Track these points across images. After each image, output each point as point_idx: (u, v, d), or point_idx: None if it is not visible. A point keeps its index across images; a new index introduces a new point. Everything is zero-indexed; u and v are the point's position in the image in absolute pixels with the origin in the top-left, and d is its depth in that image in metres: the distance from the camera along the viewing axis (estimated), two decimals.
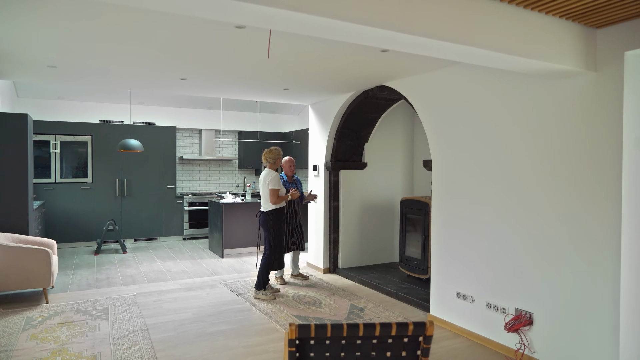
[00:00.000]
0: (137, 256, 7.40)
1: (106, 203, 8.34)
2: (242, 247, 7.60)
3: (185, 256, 7.42)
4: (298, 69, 4.40)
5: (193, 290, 5.37)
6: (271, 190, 4.95)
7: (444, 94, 4.25)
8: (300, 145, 9.17)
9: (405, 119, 6.81)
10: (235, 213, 7.47)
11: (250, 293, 5.25)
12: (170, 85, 5.25)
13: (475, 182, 3.93)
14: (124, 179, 8.47)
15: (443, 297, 4.30)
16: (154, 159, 8.73)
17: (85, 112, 8.42)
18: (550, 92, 3.29)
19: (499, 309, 3.71)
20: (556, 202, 3.26)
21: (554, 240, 3.27)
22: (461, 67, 4.02)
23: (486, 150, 3.82)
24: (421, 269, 5.54)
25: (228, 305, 4.82)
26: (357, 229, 6.45)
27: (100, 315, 4.44)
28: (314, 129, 6.65)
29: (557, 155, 3.25)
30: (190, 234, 9.06)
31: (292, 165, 5.75)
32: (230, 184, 10.05)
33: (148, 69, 4.44)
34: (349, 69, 4.39)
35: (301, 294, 5.23)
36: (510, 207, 3.60)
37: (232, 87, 5.39)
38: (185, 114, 9.31)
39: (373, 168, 6.55)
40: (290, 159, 5.78)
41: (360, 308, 4.74)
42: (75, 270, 6.36)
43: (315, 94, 5.94)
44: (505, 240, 3.65)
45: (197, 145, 9.76)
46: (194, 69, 4.40)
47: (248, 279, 5.86)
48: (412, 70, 4.41)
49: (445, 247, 4.27)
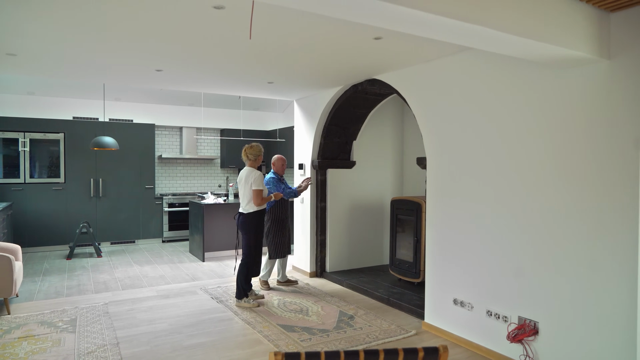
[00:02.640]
0: (113, 260, 6.99)
1: (80, 204, 7.89)
2: (224, 250, 7.23)
3: (164, 260, 7.03)
4: (282, 57, 4.07)
5: (171, 298, 5.01)
6: (255, 191, 4.61)
7: (440, 87, 3.97)
8: (285, 143, 8.84)
9: (395, 115, 6.54)
10: (217, 214, 7.11)
11: (232, 300, 4.91)
12: (145, 77, 4.88)
13: (474, 181, 3.66)
14: (99, 179, 8.03)
15: (439, 304, 4.02)
16: (132, 158, 8.31)
17: (57, 108, 7.95)
18: (557, 83, 3.03)
19: (500, 317, 3.44)
20: (563, 201, 3.00)
21: (561, 242, 3.02)
22: (460, 58, 3.75)
23: (485, 147, 3.55)
24: (413, 272, 5.27)
25: (208, 314, 4.48)
26: (346, 231, 6.15)
27: (66, 327, 4.05)
28: (300, 126, 6.33)
29: (565, 151, 2.99)
30: (170, 237, 8.66)
31: (284, 164, 5.39)
32: (212, 184, 9.67)
33: (119, 58, 4.07)
34: (337, 59, 4.09)
35: (287, 301, 4.91)
36: (512, 207, 3.34)
37: (212, 79, 5.04)
38: (164, 110, 8.89)
39: (362, 166, 6.26)
40: (282, 157, 5.39)
41: (350, 315, 4.44)
42: (44, 276, 5.93)
43: (301, 89, 5.63)
44: (507, 243, 3.39)
45: (177, 143, 9.35)
46: (170, 58, 4.05)
47: (230, 284, 5.52)
48: (406, 62, 4.13)
49: (440, 249, 4.00)
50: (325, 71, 4.58)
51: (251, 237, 4.69)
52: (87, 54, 3.89)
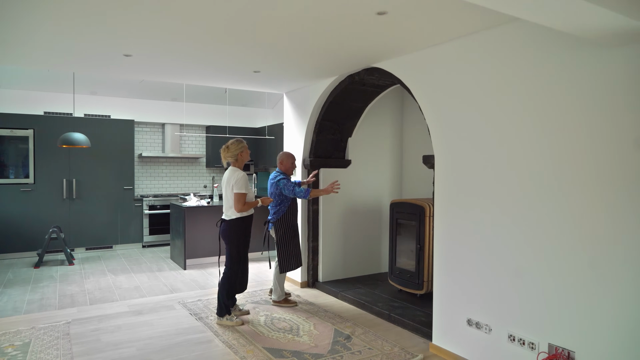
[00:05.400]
0: (85, 268, 6.38)
1: (51, 207, 7.25)
2: (208, 256, 6.66)
3: (142, 268, 6.44)
4: (267, 38, 3.52)
5: (144, 314, 4.43)
6: (236, 195, 4.02)
7: (452, 75, 3.44)
8: (274, 141, 8.27)
9: (394, 110, 6.00)
10: (199, 218, 6.53)
11: (213, 316, 4.35)
12: (113, 63, 4.29)
13: (494, 181, 3.14)
14: (73, 180, 7.40)
15: (449, 324, 3.50)
16: (109, 157, 7.69)
17: (26, 102, 7.30)
18: (598, 66, 2.51)
19: (525, 344, 2.92)
20: (607, 206, 2.49)
21: (605, 254, 2.50)
22: (478, 39, 3.22)
23: (506, 142, 3.03)
24: (415, 283, 4.74)
25: (184, 334, 3.91)
26: (340, 236, 5.61)
27: (16, 354, 3.46)
28: (290, 122, 5.78)
29: (609, 148, 2.48)
30: (151, 241, 8.05)
31: (294, 162, 4.69)
32: (197, 185, 9.07)
33: (78, 37, 3.49)
34: (332, 40, 3.54)
35: (275, 317, 4.35)
36: (539, 213, 2.82)
37: (190, 67, 4.46)
38: (145, 106, 8.27)
39: (358, 166, 5.72)
40: (289, 153, 4.70)
41: (347, 335, 3.90)
42: (4, 289, 5.31)
43: (291, 80, 5.07)
44: (534, 255, 2.87)
45: (159, 141, 8.74)
46: (138, 39, 3.47)
47: (212, 297, 4.95)
48: (413, 45, 3.59)
49: (452, 260, 3.47)
50: (318, 57, 4.03)
51: (234, 247, 4.13)
52: (43, 35, 3.30)
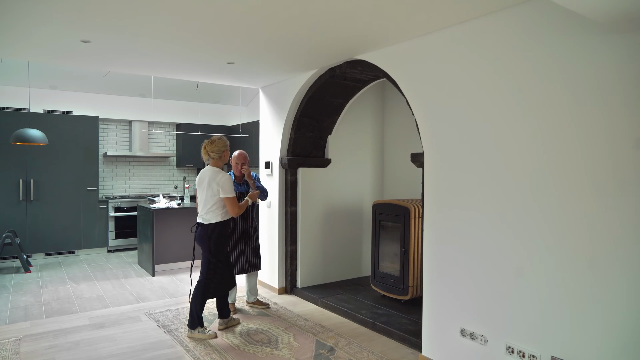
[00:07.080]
0: (43, 276, 5.89)
1: (6, 210, 6.70)
2: (178, 261, 6.27)
3: (106, 275, 5.99)
4: (242, 21, 3.20)
5: (106, 328, 4.03)
6: (227, 200, 3.66)
7: (442, 67, 3.20)
8: (249, 139, 7.91)
9: (376, 107, 5.76)
10: (169, 221, 6.13)
11: (184, 328, 3.99)
12: (71, 50, 3.87)
13: (488, 179, 2.91)
14: (30, 180, 6.86)
15: (440, 334, 3.25)
16: (71, 156, 7.18)
17: None
18: (594, 54, 2.31)
19: (526, 356, 2.70)
20: (612, 208, 2.28)
21: (611, 257, 2.29)
22: (468, 28, 2.99)
23: (500, 137, 2.80)
24: (400, 288, 4.50)
25: (151, 350, 3.54)
26: (320, 239, 5.32)
27: None
28: (266, 118, 5.45)
29: (616, 146, 2.27)
30: (117, 245, 7.57)
31: (244, 162, 4.32)
32: (167, 185, 8.63)
33: (27, 19, 3.08)
34: (313, 28, 3.24)
35: (251, 328, 4.03)
36: (537, 212, 2.60)
37: (157, 57, 4.09)
38: (110, 101, 7.78)
39: (338, 165, 5.44)
40: (241, 153, 4.36)
41: (330, 347, 3.61)
42: None
43: (267, 73, 4.75)
44: (534, 259, 2.65)
45: (126, 139, 8.25)
46: (95, 21, 3.09)
47: (182, 307, 4.58)
48: (400, 34, 3.33)
49: (443, 264, 3.23)
50: (296, 47, 3.73)
51: (212, 253, 3.76)
52: None
